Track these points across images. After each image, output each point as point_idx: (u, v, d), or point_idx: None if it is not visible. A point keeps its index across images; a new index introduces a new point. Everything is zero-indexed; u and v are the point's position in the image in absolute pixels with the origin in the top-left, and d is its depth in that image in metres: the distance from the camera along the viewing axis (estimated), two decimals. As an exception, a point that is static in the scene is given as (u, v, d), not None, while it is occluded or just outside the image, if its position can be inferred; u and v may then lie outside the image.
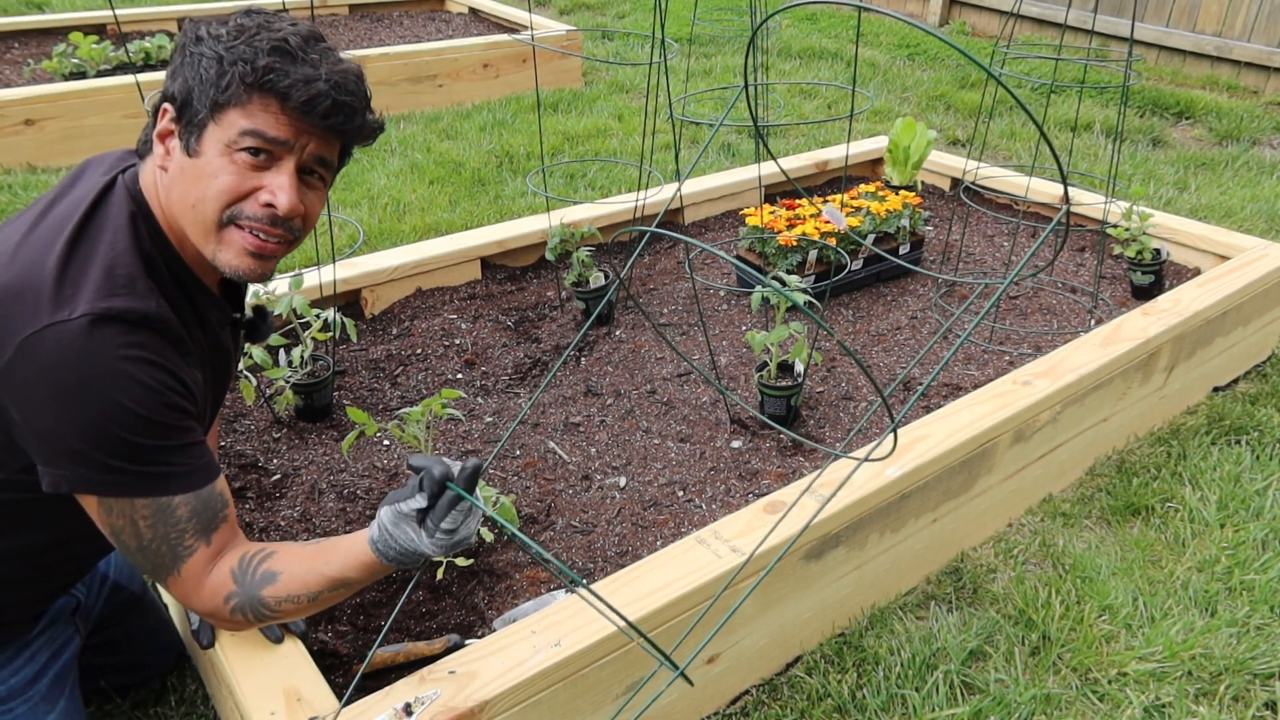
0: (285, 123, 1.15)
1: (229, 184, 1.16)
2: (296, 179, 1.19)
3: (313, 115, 1.16)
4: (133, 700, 1.70)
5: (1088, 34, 5.97)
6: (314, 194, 1.24)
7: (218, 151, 1.15)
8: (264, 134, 1.14)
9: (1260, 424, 2.53)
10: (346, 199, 3.80)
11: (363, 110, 1.23)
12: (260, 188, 1.17)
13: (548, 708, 1.40)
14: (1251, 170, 4.35)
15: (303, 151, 1.19)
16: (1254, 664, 1.81)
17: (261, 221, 1.18)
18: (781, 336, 2.09)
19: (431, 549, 1.14)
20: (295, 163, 1.19)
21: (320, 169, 1.23)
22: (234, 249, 1.19)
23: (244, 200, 1.17)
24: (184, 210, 1.19)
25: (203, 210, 1.17)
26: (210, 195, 1.16)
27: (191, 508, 1.18)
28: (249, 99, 1.13)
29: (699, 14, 6.69)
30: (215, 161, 1.15)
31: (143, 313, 1.12)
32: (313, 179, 1.23)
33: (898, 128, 3.45)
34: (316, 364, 2.19)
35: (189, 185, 1.17)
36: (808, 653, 1.82)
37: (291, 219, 1.20)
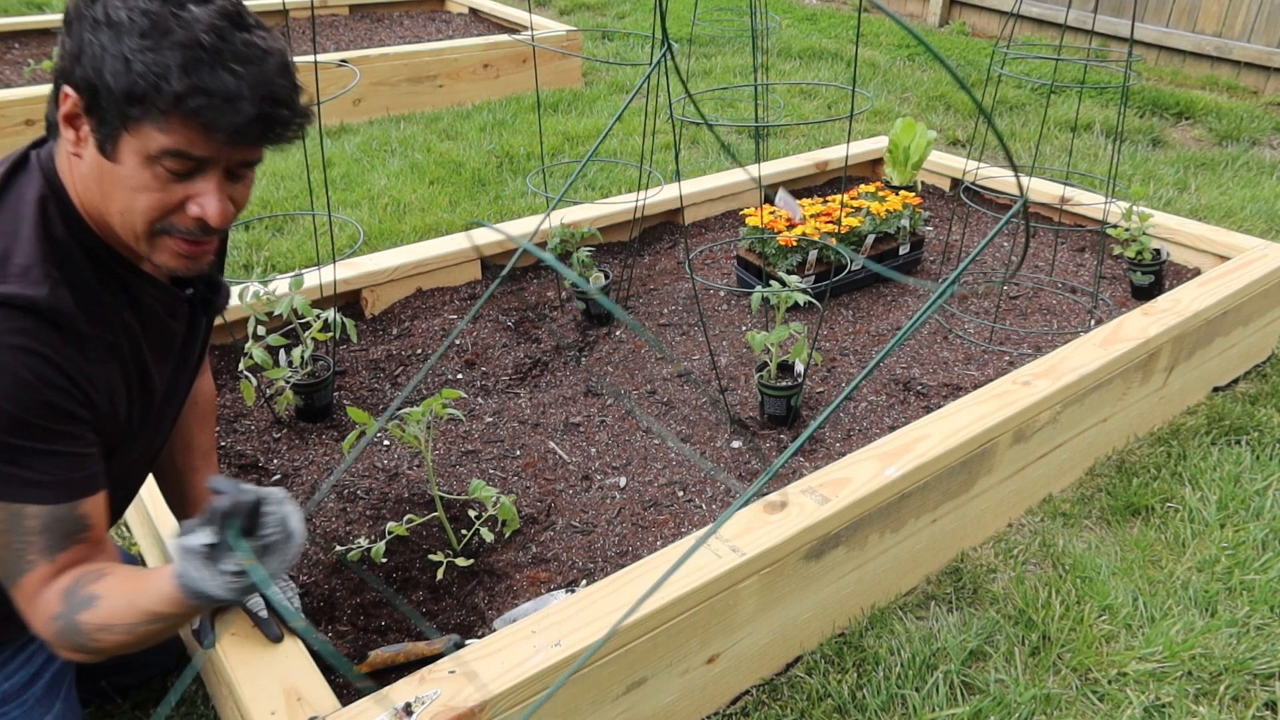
0: (211, 143, 1.05)
1: (155, 201, 1.08)
2: (223, 185, 1.11)
3: (241, 142, 1.06)
4: (133, 700, 1.70)
5: (1088, 34, 5.98)
6: (241, 185, 1.17)
7: (137, 163, 1.06)
8: (188, 154, 1.05)
9: (1260, 424, 2.53)
10: (347, 199, 3.81)
11: (294, 114, 1.10)
12: (188, 198, 1.09)
13: (548, 707, 1.40)
14: (1251, 170, 4.35)
15: (230, 160, 1.10)
16: (1254, 664, 1.81)
17: (193, 232, 1.12)
18: (781, 336, 2.09)
19: (220, 591, 1.02)
20: (222, 170, 1.10)
21: (246, 169, 1.15)
22: (167, 253, 1.13)
23: (172, 213, 1.10)
24: (108, 212, 1.11)
25: (130, 220, 1.10)
26: (137, 210, 1.09)
27: (44, 522, 1.09)
28: (166, 121, 1.02)
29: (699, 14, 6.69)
30: (137, 173, 1.06)
31: (30, 299, 1.04)
32: (241, 174, 1.15)
33: (898, 128, 3.45)
34: (317, 364, 2.19)
35: (111, 191, 1.09)
36: (808, 653, 1.82)
37: (223, 226, 1.13)
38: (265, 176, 3.95)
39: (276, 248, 3.38)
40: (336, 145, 4.39)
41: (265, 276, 2.27)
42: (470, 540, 1.84)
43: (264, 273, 3.22)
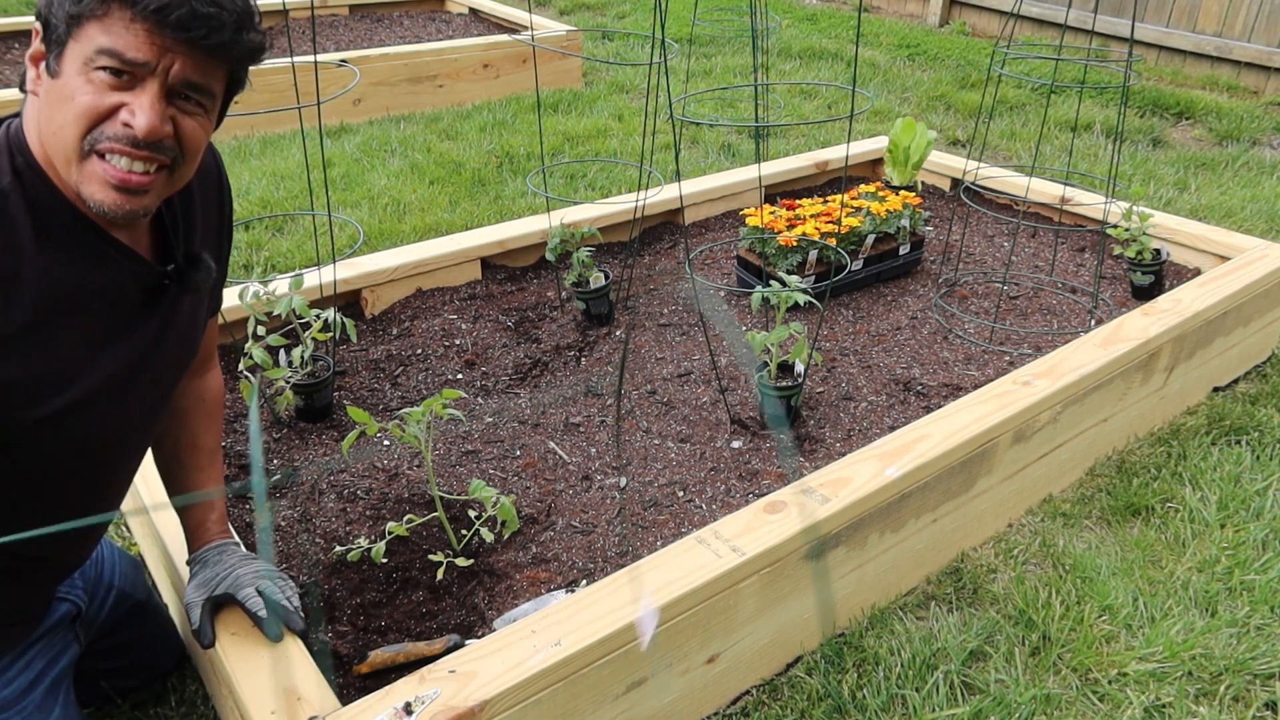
0: (143, 38, 1.05)
1: (87, 104, 1.06)
2: (162, 100, 1.08)
3: (167, 26, 1.05)
4: (133, 701, 1.70)
5: (1088, 34, 5.98)
6: (191, 120, 1.13)
7: (76, 70, 1.06)
8: (120, 54, 1.04)
9: (1260, 424, 2.53)
10: (346, 199, 3.81)
11: (233, 24, 1.09)
12: (121, 105, 1.07)
13: (548, 707, 1.40)
14: (1251, 170, 4.35)
15: (167, 73, 1.08)
16: (1254, 664, 1.81)
17: (121, 142, 1.07)
18: (781, 337, 2.09)
19: None
20: (160, 84, 1.08)
21: (195, 94, 1.12)
22: (96, 181, 1.09)
23: (104, 122, 1.07)
24: (48, 137, 1.09)
25: (63, 136, 1.08)
26: (70, 118, 1.06)
27: None
28: (104, 10, 1.03)
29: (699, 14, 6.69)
30: (74, 81, 1.06)
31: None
32: (188, 104, 1.12)
33: (898, 128, 3.45)
34: (316, 364, 2.19)
35: (51, 109, 1.08)
36: (808, 653, 1.82)
37: (160, 141, 1.09)
38: (265, 177, 3.95)
39: (276, 248, 3.38)
40: (336, 145, 4.39)
41: (265, 276, 2.27)
42: (470, 540, 1.84)
43: (264, 273, 3.22)
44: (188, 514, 1.55)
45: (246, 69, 1.20)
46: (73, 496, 1.30)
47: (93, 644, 1.55)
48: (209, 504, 1.54)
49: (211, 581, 1.47)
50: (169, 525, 1.66)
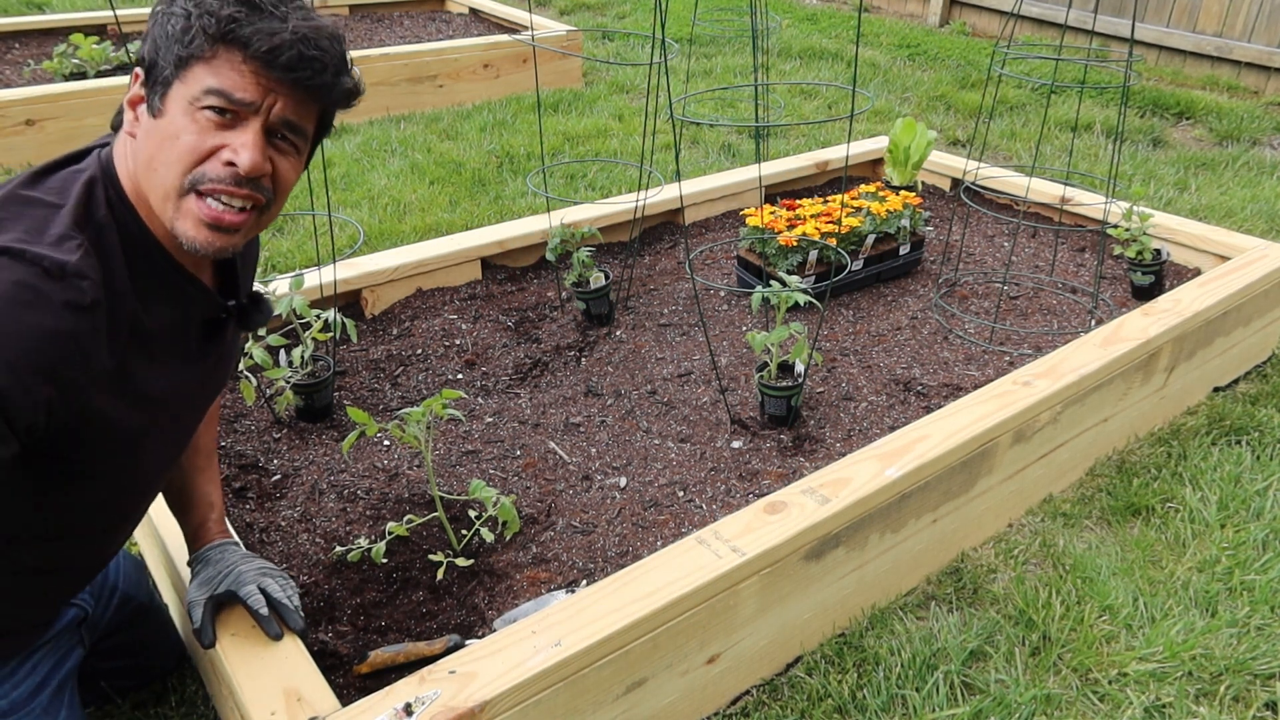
0: (250, 78, 1.10)
1: (191, 144, 1.11)
2: (263, 138, 1.14)
3: (275, 67, 1.10)
4: (133, 701, 1.70)
5: (1088, 34, 5.98)
6: (286, 160, 1.18)
7: (181, 110, 1.11)
8: (228, 94, 1.10)
9: (1260, 424, 2.53)
10: (347, 199, 3.81)
11: (334, 68, 1.16)
12: (223, 146, 1.12)
13: (548, 708, 1.40)
14: (1252, 170, 4.35)
15: (269, 112, 1.13)
16: (1254, 664, 1.81)
17: (224, 182, 1.12)
18: (782, 337, 2.09)
19: None
20: (262, 123, 1.13)
21: (291, 134, 1.17)
22: (191, 219, 1.13)
23: (206, 161, 1.12)
24: (147, 174, 1.14)
25: (165, 174, 1.12)
26: (173, 157, 1.11)
27: None
28: (213, 52, 1.09)
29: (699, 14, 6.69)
30: (178, 121, 1.11)
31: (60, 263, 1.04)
32: (283, 143, 1.18)
33: (898, 128, 3.45)
34: (317, 364, 2.19)
35: (153, 147, 1.12)
36: (808, 653, 1.82)
37: (259, 178, 1.14)
38: (265, 176, 3.95)
39: (277, 248, 3.38)
40: (336, 145, 4.39)
41: (265, 277, 2.27)
42: (470, 540, 1.84)
43: (264, 273, 3.22)
44: (188, 515, 1.56)
45: (336, 112, 1.25)
46: (113, 512, 1.33)
47: (95, 645, 1.55)
48: (209, 504, 1.55)
49: (213, 580, 1.48)
50: (170, 526, 1.66)
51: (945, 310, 2.74)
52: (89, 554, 1.37)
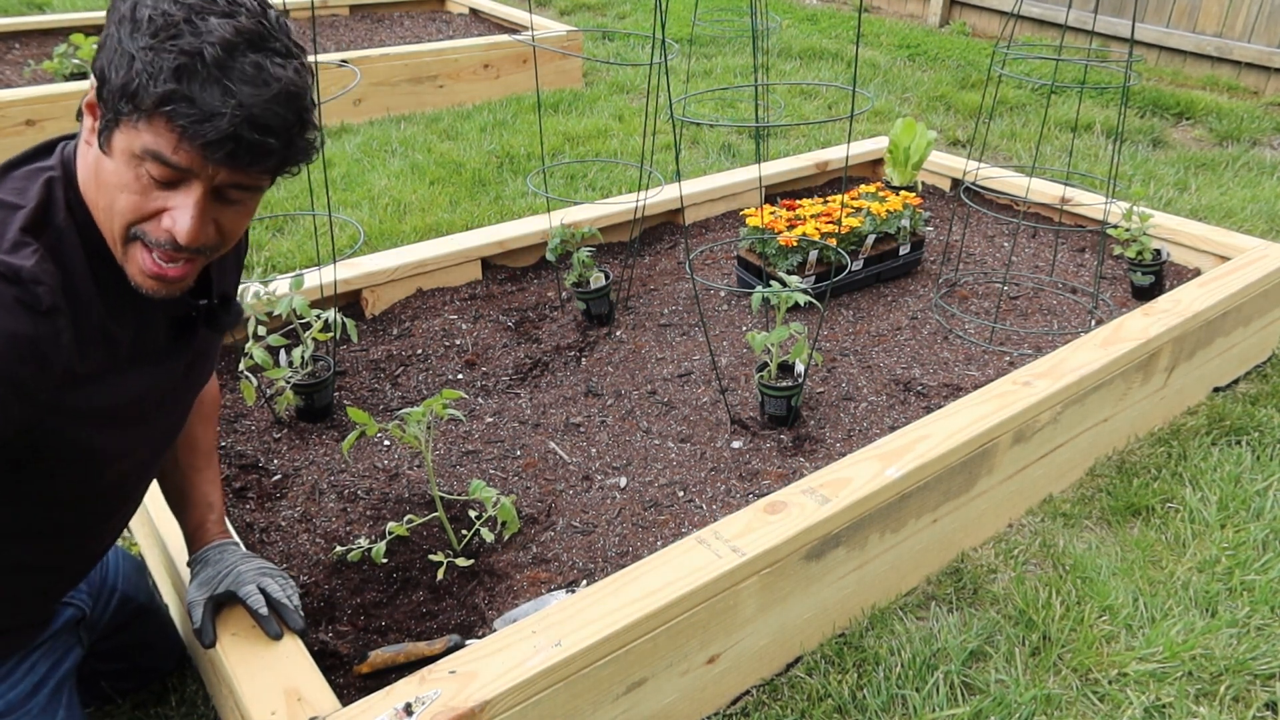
0: (185, 154, 1.03)
1: (132, 204, 1.06)
2: (204, 204, 1.07)
3: (215, 156, 1.02)
4: (133, 701, 1.70)
5: (1088, 34, 5.98)
6: (233, 209, 1.12)
7: (124, 159, 1.05)
8: (165, 159, 1.03)
9: (1260, 424, 2.53)
10: (347, 199, 3.81)
11: (283, 142, 1.06)
12: (164, 210, 1.07)
13: (548, 707, 1.40)
14: (1252, 171, 4.35)
15: (213, 179, 1.06)
16: (1254, 664, 1.81)
17: (163, 247, 1.08)
18: (782, 337, 2.09)
19: None
20: (205, 188, 1.06)
21: (238, 192, 1.10)
22: (136, 266, 1.11)
23: (146, 221, 1.08)
24: (95, 208, 1.11)
25: (108, 221, 1.09)
26: (116, 210, 1.07)
27: None
28: (149, 122, 1.01)
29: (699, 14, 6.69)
30: (121, 171, 1.06)
31: (14, 268, 1.02)
32: (231, 196, 1.10)
33: (898, 128, 3.45)
34: (317, 364, 2.19)
35: (100, 186, 1.09)
36: (808, 653, 1.82)
37: (196, 246, 1.09)
38: (266, 177, 3.95)
39: (277, 248, 3.38)
40: (337, 145, 4.39)
41: (266, 276, 2.27)
42: (470, 540, 1.84)
43: (264, 273, 3.22)
44: (186, 516, 1.55)
45: None
46: (92, 512, 1.32)
47: (94, 646, 1.55)
48: (208, 505, 1.55)
49: (213, 580, 1.48)
50: (170, 527, 1.66)
51: (945, 310, 2.74)
52: (76, 552, 1.36)
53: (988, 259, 3.08)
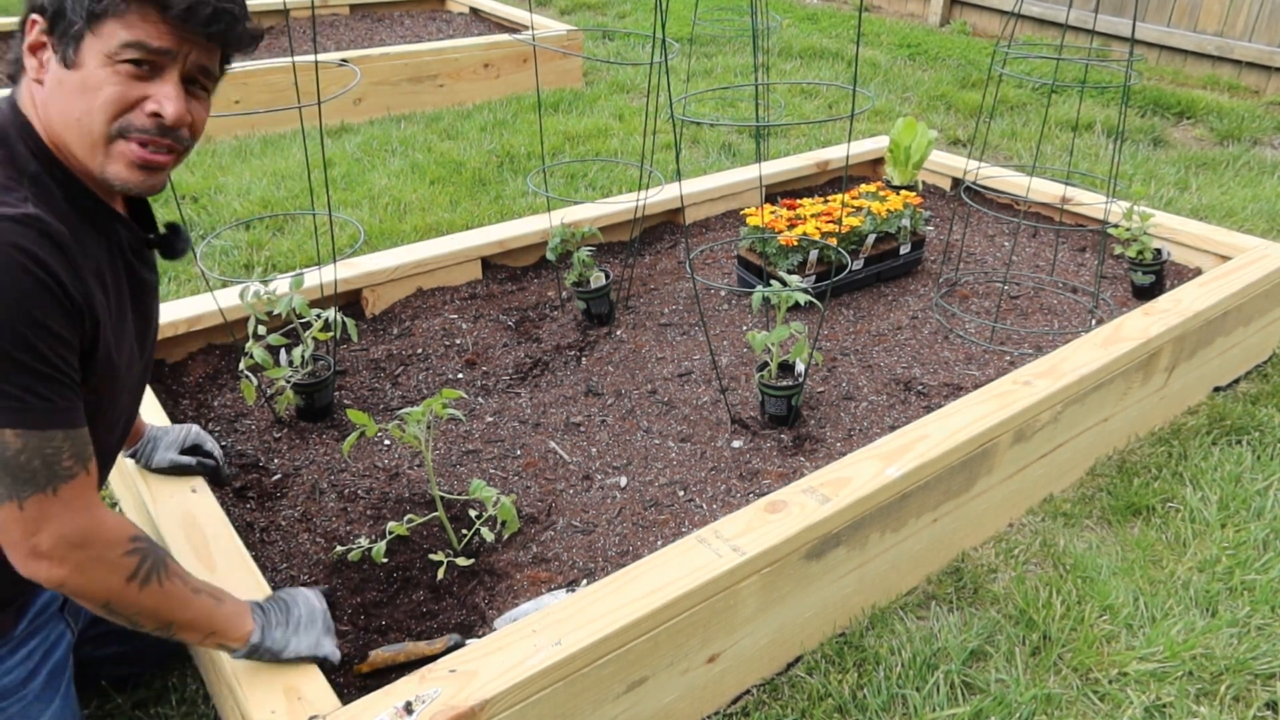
0: (166, 32, 1.14)
1: (115, 95, 1.14)
2: (182, 88, 1.19)
3: (193, 23, 1.15)
4: (133, 700, 1.70)
5: (1089, 34, 5.97)
6: (199, 104, 1.24)
7: (99, 63, 1.13)
8: (146, 45, 1.13)
9: (1261, 424, 2.53)
10: (347, 199, 3.81)
11: (242, 18, 1.22)
12: (146, 97, 1.16)
13: (548, 706, 1.40)
14: (1253, 170, 4.35)
15: (186, 60, 1.18)
16: (1255, 664, 1.81)
17: (149, 132, 1.17)
18: (782, 336, 2.09)
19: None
20: (179, 72, 1.18)
21: (203, 78, 1.23)
22: (122, 161, 1.18)
23: (130, 111, 1.16)
24: (66, 124, 1.16)
25: (88, 124, 1.15)
26: (96, 108, 1.14)
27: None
28: (126, 8, 1.11)
29: (699, 14, 6.69)
30: (97, 73, 1.13)
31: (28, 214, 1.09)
32: (197, 89, 1.23)
33: (899, 127, 3.45)
34: (317, 364, 2.19)
35: (71, 99, 1.15)
36: (808, 652, 1.82)
37: (179, 128, 1.19)
38: (266, 176, 3.95)
39: (277, 247, 3.38)
40: (337, 145, 4.39)
41: (266, 276, 2.27)
42: (471, 540, 1.84)
43: (264, 272, 3.22)
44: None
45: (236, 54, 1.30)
46: None
47: (84, 631, 1.56)
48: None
49: (179, 440, 1.78)
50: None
51: (946, 310, 2.74)
52: None
53: (988, 258, 3.07)
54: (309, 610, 1.42)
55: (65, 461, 1.13)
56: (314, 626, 1.41)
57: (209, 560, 1.59)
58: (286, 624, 1.39)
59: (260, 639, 1.34)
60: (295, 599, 1.43)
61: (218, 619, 1.30)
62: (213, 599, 1.31)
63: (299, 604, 1.42)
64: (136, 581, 1.20)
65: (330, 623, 1.46)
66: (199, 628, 1.29)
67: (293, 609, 1.41)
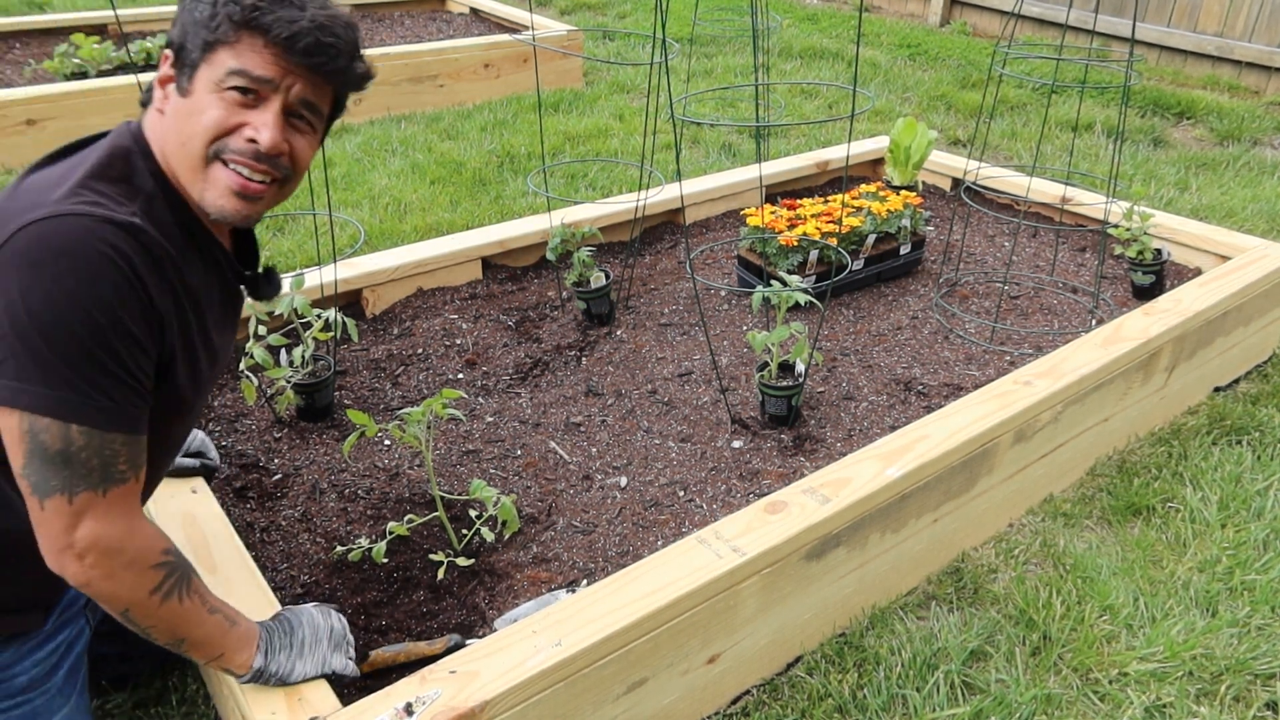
0: (270, 60, 1.19)
1: (216, 118, 1.20)
2: (282, 118, 1.23)
3: (294, 52, 1.20)
4: (134, 700, 1.70)
5: (1089, 34, 5.97)
6: (303, 138, 1.28)
7: (207, 89, 1.20)
8: (249, 72, 1.19)
9: (1261, 424, 2.53)
10: (347, 199, 3.81)
11: (348, 54, 1.26)
12: (245, 124, 1.21)
13: (549, 707, 1.40)
14: (1252, 170, 4.35)
15: (289, 92, 1.23)
16: (1255, 664, 1.81)
17: (245, 156, 1.22)
18: (782, 336, 2.09)
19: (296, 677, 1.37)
20: (281, 103, 1.23)
21: (307, 113, 1.27)
22: (219, 188, 1.23)
23: (229, 135, 1.21)
24: (176, 149, 1.23)
25: (191, 146, 1.21)
26: (198, 130, 1.20)
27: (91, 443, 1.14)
28: (237, 37, 1.18)
29: (699, 14, 6.69)
30: (204, 99, 1.20)
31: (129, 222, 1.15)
32: (300, 123, 1.27)
33: (899, 128, 3.45)
34: (317, 364, 2.19)
35: (180, 123, 1.22)
36: (808, 653, 1.82)
37: (276, 156, 1.23)
38: (266, 176, 3.95)
39: (277, 247, 3.38)
40: (337, 145, 4.39)
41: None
42: (471, 540, 1.84)
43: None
44: None
45: (349, 94, 1.35)
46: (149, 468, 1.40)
47: (97, 626, 1.57)
48: None
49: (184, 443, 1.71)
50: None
51: (946, 310, 2.74)
52: None
53: (988, 258, 3.07)
54: (313, 629, 1.41)
55: (120, 465, 1.17)
56: (319, 645, 1.40)
57: (209, 560, 1.59)
58: (290, 646, 1.38)
59: (263, 664, 1.34)
60: (299, 618, 1.42)
61: (228, 642, 1.31)
62: (227, 621, 1.32)
63: (302, 623, 1.41)
64: (159, 595, 1.22)
65: (342, 637, 1.44)
66: (208, 648, 1.30)
67: (296, 630, 1.40)
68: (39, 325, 1.08)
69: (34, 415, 1.10)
